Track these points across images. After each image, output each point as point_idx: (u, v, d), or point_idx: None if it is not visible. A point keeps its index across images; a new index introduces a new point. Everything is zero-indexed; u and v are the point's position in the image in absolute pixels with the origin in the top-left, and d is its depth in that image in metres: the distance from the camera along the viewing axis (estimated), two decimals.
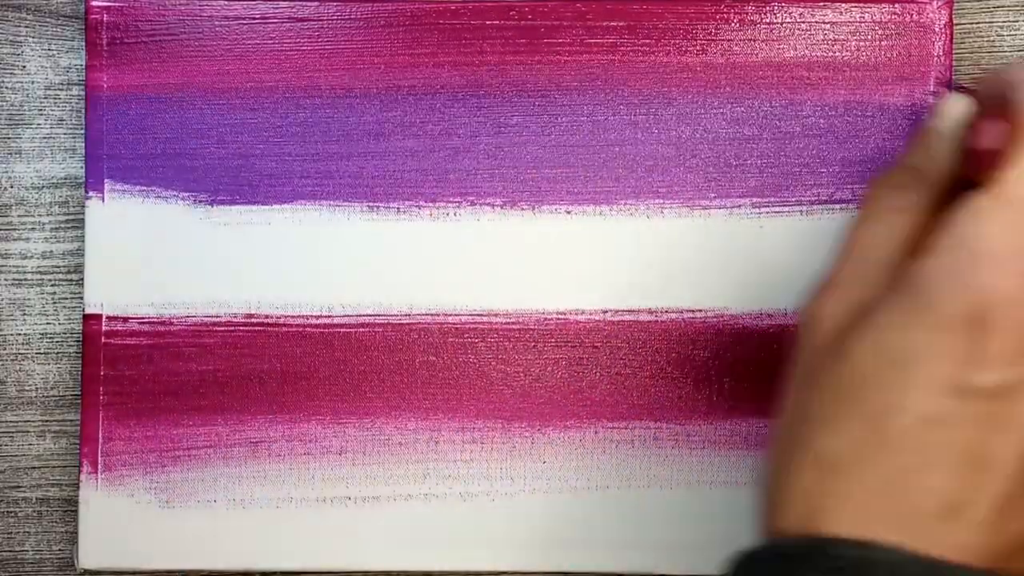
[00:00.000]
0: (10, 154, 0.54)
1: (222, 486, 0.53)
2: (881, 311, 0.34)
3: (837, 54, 0.53)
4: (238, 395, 0.53)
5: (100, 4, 0.53)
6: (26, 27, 0.55)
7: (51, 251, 0.54)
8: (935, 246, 0.34)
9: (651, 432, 0.53)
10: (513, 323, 0.53)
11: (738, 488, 0.52)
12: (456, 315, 0.53)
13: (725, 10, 0.53)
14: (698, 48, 0.53)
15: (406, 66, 0.53)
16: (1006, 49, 0.54)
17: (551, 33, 0.53)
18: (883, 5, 0.52)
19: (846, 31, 0.53)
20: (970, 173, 0.36)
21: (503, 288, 0.53)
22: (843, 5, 0.53)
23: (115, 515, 0.52)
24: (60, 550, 0.54)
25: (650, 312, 0.53)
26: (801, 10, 0.53)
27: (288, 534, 0.52)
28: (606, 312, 0.53)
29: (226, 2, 0.53)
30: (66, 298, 0.54)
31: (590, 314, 0.53)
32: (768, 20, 0.53)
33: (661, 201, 0.53)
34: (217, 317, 0.53)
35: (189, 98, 0.53)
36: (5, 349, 0.54)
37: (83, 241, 0.53)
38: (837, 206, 0.52)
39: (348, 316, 0.53)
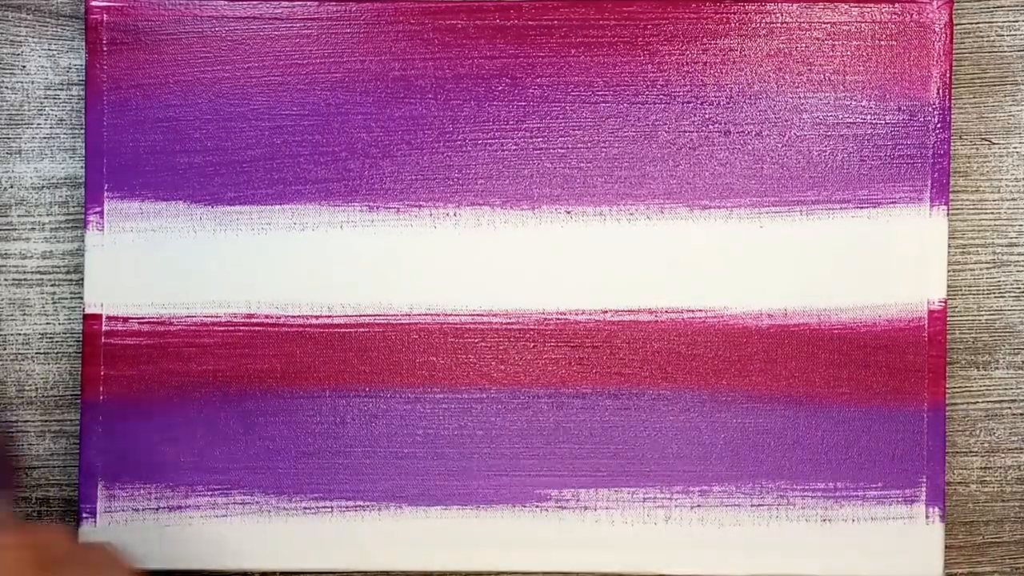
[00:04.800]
0: (10, 154, 0.54)
1: (221, 486, 0.53)
2: None
3: (837, 54, 0.53)
4: (238, 395, 0.53)
5: (100, 4, 0.53)
6: (26, 27, 0.55)
7: (51, 251, 0.54)
8: None
9: (651, 430, 0.53)
10: (513, 323, 0.53)
11: (738, 486, 0.52)
12: (456, 315, 0.53)
13: (725, 10, 0.53)
14: (698, 48, 0.53)
15: (406, 66, 0.53)
16: (1006, 49, 0.54)
17: (551, 33, 0.53)
18: (883, 5, 0.52)
19: (846, 31, 0.53)
20: None
21: (503, 288, 0.53)
22: (843, 5, 0.53)
23: (115, 515, 0.52)
24: None
25: (650, 312, 0.53)
26: (801, 10, 0.53)
27: (288, 534, 0.52)
28: (606, 312, 0.53)
29: (226, 2, 0.53)
30: (66, 298, 0.54)
31: (590, 314, 0.53)
32: (768, 20, 0.53)
33: (661, 201, 0.53)
34: (217, 317, 0.53)
35: (189, 98, 0.53)
36: (5, 349, 0.54)
37: (83, 241, 0.53)
38: (837, 206, 0.53)
39: (348, 316, 0.53)
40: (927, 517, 0.52)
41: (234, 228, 0.53)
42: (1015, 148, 0.54)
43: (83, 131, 0.54)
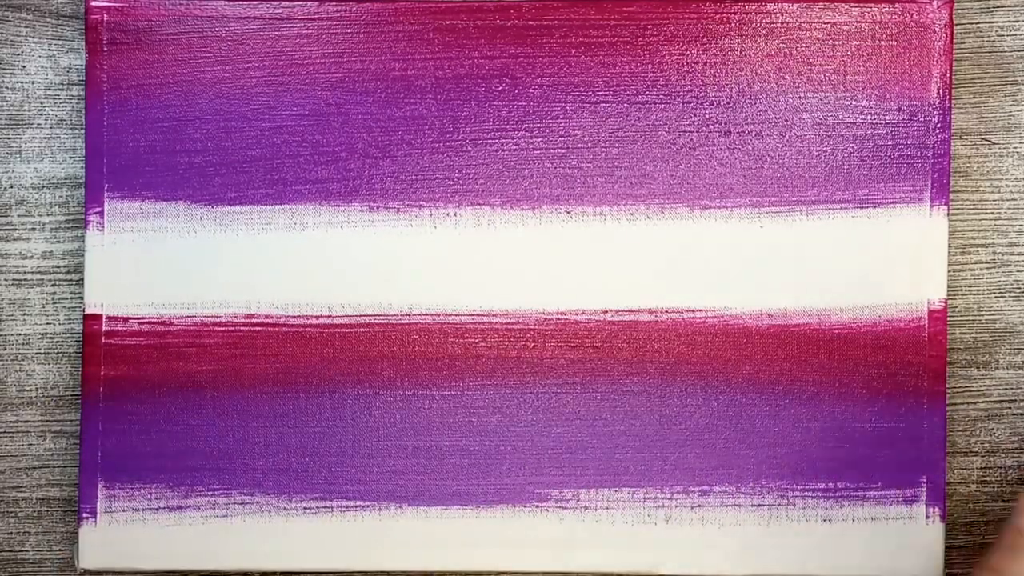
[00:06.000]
0: (10, 154, 0.54)
1: (221, 486, 0.53)
2: None
3: (837, 54, 0.53)
4: (238, 395, 0.53)
5: (100, 4, 0.53)
6: (26, 27, 0.55)
7: (51, 251, 0.54)
8: None
9: (651, 431, 0.53)
10: (513, 323, 0.53)
11: (738, 486, 0.52)
12: (456, 315, 0.53)
13: (725, 10, 0.53)
14: (698, 48, 0.53)
15: (406, 66, 0.53)
16: (1006, 49, 0.54)
17: (551, 33, 0.53)
18: (883, 5, 0.52)
19: (846, 31, 0.53)
20: None
21: (503, 288, 0.53)
22: (843, 5, 0.53)
23: (115, 515, 0.52)
24: (60, 550, 0.54)
25: (650, 312, 0.53)
26: (801, 10, 0.53)
27: (288, 534, 0.52)
28: (606, 312, 0.53)
29: (226, 2, 0.53)
30: (66, 298, 0.54)
31: (590, 314, 0.53)
32: (768, 20, 0.53)
33: (661, 201, 0.53)
34: (217, 317, 0.53)
35: (189, 98, 0.53)
36: (5, 349, 0.54)
37: (83, 241, 0.53)
38: (837, 206, 0.53)
39: (348, 316, 0.53)
40: (927, 517, 0.52)
41: (234, 228, 0.53)
42: (1015, 148, 0.54)
43: (83, 131, 0.54)
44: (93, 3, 0.53)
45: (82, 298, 0.53)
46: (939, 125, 0.52)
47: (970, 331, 0.54)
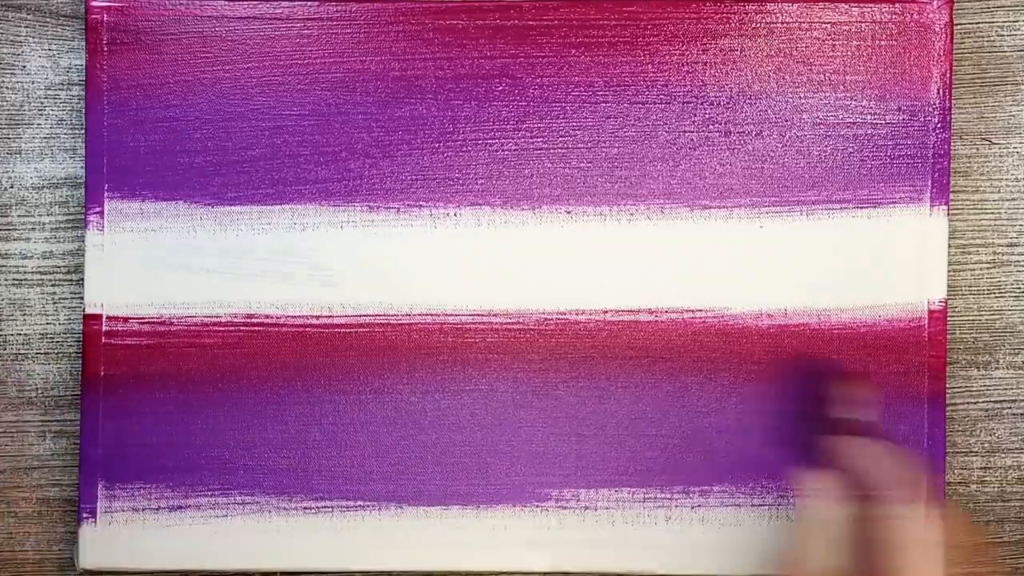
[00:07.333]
0: (10, 154, 0.54)
1: (221, 486, 0.53)
2: None
3: (837, 54, 0.53)
4: (238, 395, 0.53)
5: (100, 4, 0.53)
6: (26, 27, 0.55)
7: (51, 251, 0.54)
8: None
9: (652, 431, 0.53)
10: (513, 323, 0.53)
11: (738, 486, 0.52)
12: (456, 315, 0.53)
13: (725, 10, 0.53)
14: (698, 48, 0.53)
15: (406, 66, 0.53)
16: (1006, 49, 0.54)
17: (551, 33, 0.53)
18: (883, 5, 0.52)
19: (846, 31, 0.53)
20: None
21: (503, 288, 0.53)
22: (843, 5, 0.53)
23: (115, 515, 0.52)
24: (60, 550, 0.54)
25: (650, 312, 0.53)
26: (801, 10, 0.53)
27: (288, 534, 0.52)
28: (606, 312, 0.53)
29: (226, 2, 0.53)
30: (66, 298, 0.54)
31: (590, 314, 0.53)
32: (768, 20, 0.53)
33: (661, 202, 0.53)
34: (217, 317, 0.53)
35: (189, 98, 0.53)
36: (5, 349, 0.54)
37: (83, 241, 0.53)
38: (837, 206, 0.53)
39: (348, 316, 0.53)
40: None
41: (234, 228, 0.53)
42: (1015, 148, 0.54)
43: (83, 131, 0.54)
44: (93, 3, 0.53)
45: (82, 298, 0.53)
46: (939, 125, 0.52)
47: (970, 331, 0.54)
